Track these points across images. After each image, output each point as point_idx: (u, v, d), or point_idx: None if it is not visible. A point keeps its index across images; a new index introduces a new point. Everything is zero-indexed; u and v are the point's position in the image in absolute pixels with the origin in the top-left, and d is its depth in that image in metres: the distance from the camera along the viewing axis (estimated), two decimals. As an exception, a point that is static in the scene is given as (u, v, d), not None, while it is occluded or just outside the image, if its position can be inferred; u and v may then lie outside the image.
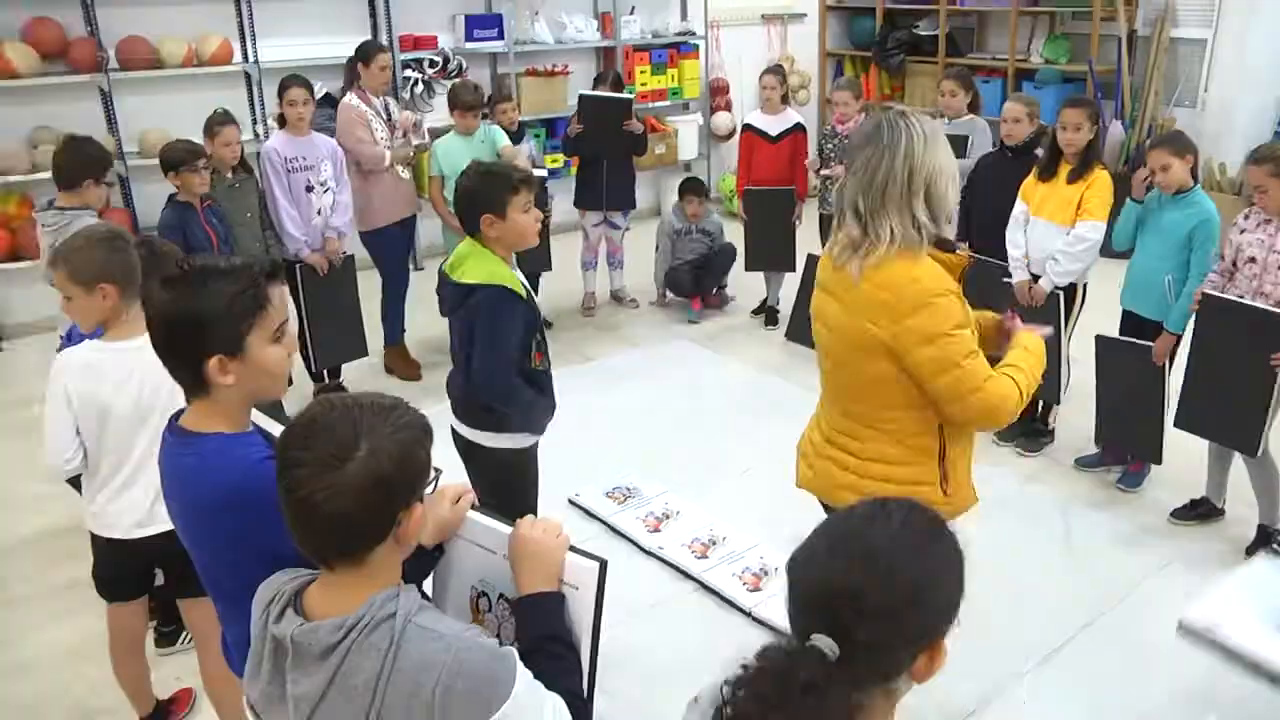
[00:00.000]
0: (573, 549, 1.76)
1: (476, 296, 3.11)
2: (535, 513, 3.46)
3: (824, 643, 1.18)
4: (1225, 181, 7.83)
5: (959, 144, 5.62)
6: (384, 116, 5.86)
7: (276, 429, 1.93)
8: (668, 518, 4.48)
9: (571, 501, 4.64)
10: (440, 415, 3.39)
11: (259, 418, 2.05)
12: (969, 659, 3.53)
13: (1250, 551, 4.23)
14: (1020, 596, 3.91)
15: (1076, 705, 3.42)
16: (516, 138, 6.53)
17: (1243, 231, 4.15)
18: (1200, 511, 4.49)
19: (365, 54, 5.79)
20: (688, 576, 4.10)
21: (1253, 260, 4.08)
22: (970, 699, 3.47)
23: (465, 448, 3.36)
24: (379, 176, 5.79)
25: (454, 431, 3.36)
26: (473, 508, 1.88)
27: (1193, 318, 4.23)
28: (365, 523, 1.48)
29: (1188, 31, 8.23)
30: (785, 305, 6.84)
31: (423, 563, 1.83)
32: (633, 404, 5.72)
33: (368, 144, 5.69)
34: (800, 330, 6.53)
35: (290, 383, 5.48)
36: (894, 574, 1.25)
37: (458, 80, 7.31)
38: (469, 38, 8.10)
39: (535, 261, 6.62)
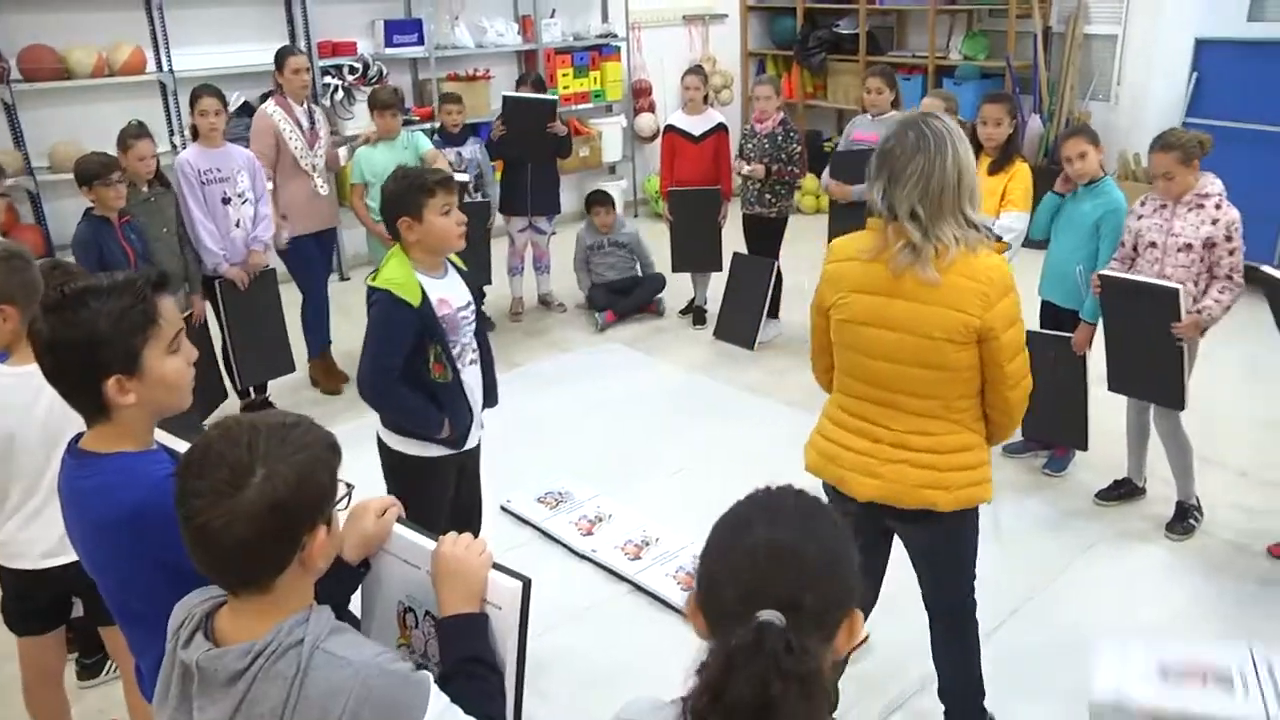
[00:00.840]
0: (497, 566, 1.73)
1: (373, 298, 3.12)
2: (448, 525, 3.45)
3: (771, 614, 1.18)
4: (1140, 172, 7.99)
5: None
6: (305, 124, 5.75)
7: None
8: (600, 521, 4.46)
9: (503, 508, 4.59)
10: (362, 429, 3.37)
11: (166, 438, 1.99)
12: (903, 645, 3.60)
13: (1170, 528, 4.37)
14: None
15: (1007, 688, 3.44)
16: (460, 140, 6.51)
17: (1140, 218, 4.26)
18: (1123, 491, 4.62)
19: (279, 59, 5.70)
20: (621, 578, 4.08)
21: (1153, 245, 4.18)
22: (909, 683, 3.53)
23: (383, 453, 3.35)
24: (292, 187, 5.68)
25: (377, 438, 3.35)
26: (399, 521, 1.84)
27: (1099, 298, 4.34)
28: (265, 550, 1.45)
29: (1100, 28, 8.41)
30: (713, 304, 6.88)
31: (348, 579, 1.79)
32: (563, 408, 5.69)
33: (266, 157, 5.55)
34: (729, 329, 6.57)
35: (227, 396, 5.42)
36: (814, 536, 1.29)
37: (377, 85, 7.25)
38: (389, 43, 8.00)
39: (474, 275, 6.59)
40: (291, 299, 5.83)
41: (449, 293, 3.21)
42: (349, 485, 1.61)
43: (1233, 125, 7.05)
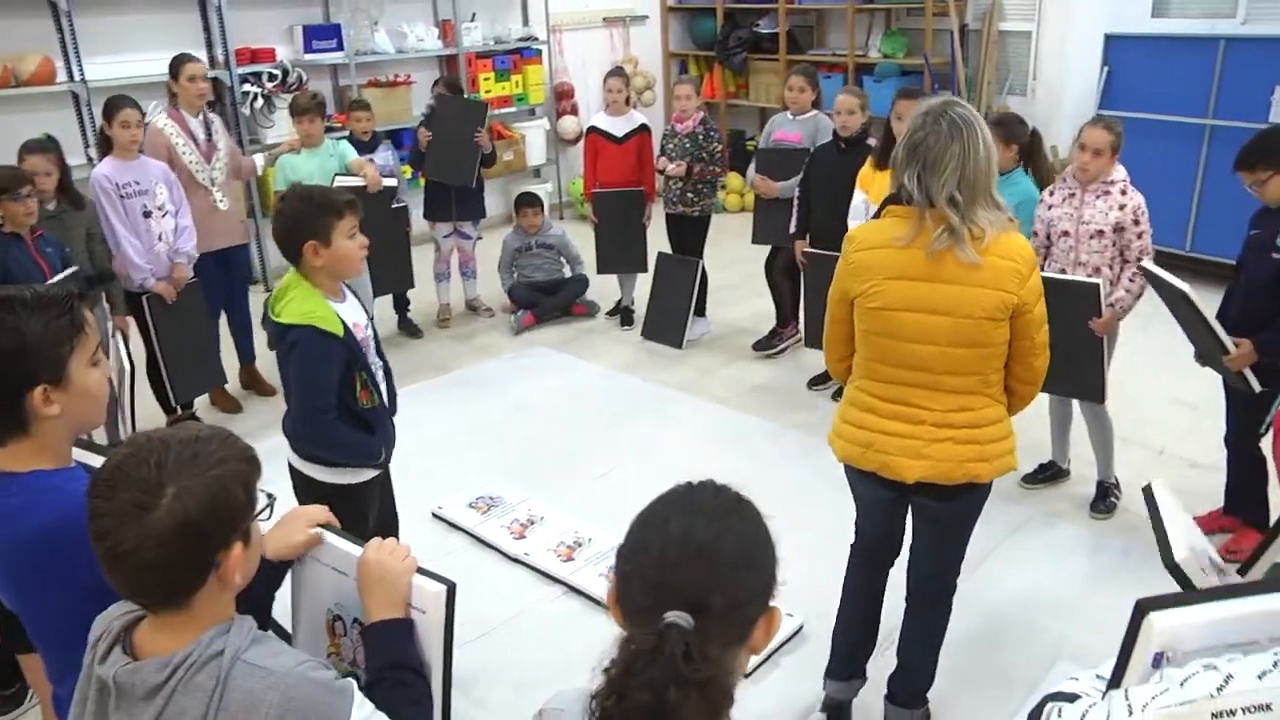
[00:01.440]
0: (422, 571, 1.73)
1: (291, 337, 2.93)
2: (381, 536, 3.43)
3: (679, 616, 1.18)
4: (1058, 163, 8.16)
5: (799, 158, 5.76)
6: (201, 136, 5.52)
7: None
8: (532, 524, 4.45)
9: (435, 515, 4.57)
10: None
11: (84, 455, 1.96)
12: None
13: (1094, 507, 4.52)
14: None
15: (941, 671, 3.52)
16: (371, 147, 6.42)
17: (1051, 208, 4.36)
18: (1048, 474, 4.77)
19: (174, 67, 5.45)
20: (555, 580, 4.08)
21: (1066, 234, 4.29)
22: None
23: (299, 480, 3.19)
24: (188, 204, 5.36)
25: (290, 465, 3.20)
26: (329, 529, 1.83)
27: None
28: (179, 569, 1.43)
29: (1014, 24, 8.62)
30: (640, 305, 6.90)
31: (271, 576, 1.78)
32: (493, 413, 5.67)
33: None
34: (656, 328, 6.60)
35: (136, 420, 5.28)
36: (731, 532, 1.28)
37: (297, 92, 7.17)
38: (308, 49, 7.92)
39: (398, 280, 6.53)
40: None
41: (355, 316, 3.07)
42: (270, 496, 1.59)
43: (1143, 116, 7.24)
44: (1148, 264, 4.04)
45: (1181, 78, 7.33)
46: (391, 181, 6.05)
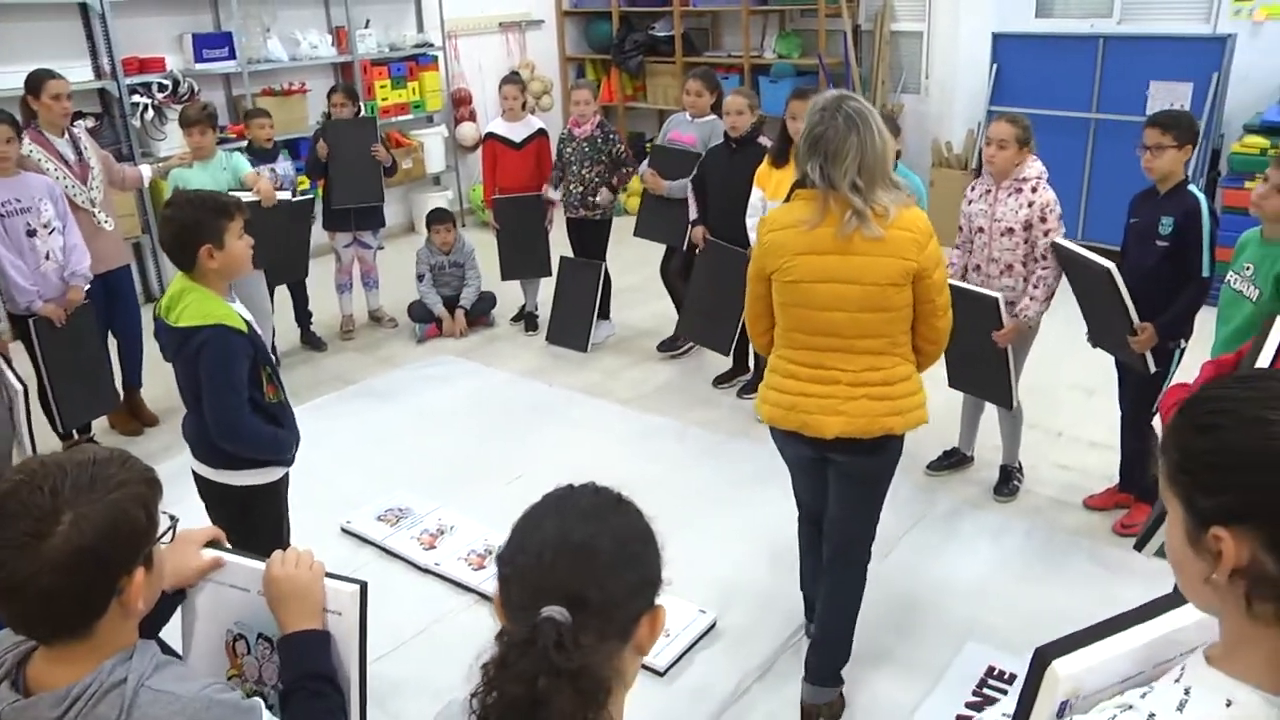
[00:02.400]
0: (331, 575, 1.71)
1: (196, 340, 2.92)
2: (285, 545, 3.37)
3: (554, 610, 1.17)
4: (953, 159, 8.38)
5: (691, 160, 5.81)
6: (71, 156, 5.23)
7: None
8: (442, 533, 4.42)
9: (343, 529, 4.50)
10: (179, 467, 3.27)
11: None
12: (748, 628, 3.74)
13: (997, 490, 4.65)
14: (791, 564, 4.07)
15: (852, 656, 3.61)
16: (271, 156, 6.30)
17: (970, 203, 4.45)
18: (953, 461, 4.88)
19: (33, 84, 5.13)
20: (467, 589, 4.06)
21: (981, 230, 4.38)
22: (754, 660, 3.62)
23: (208, 488, 3.18)
24: None
25: (195, 476, 3.18)
26: (220, 547, 1.80)
27: None
28: (78, 599, 1.38)
29: (906, 25, 8.84)
30: (544, 310, 6.88)
31: (164, 607, 1.73)
32: (399, 423, 5.61)
33: None
34: (561, 333, 6.59)
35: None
36: (608, 531, 1.28)
37: (188, 102, 7.00)
38: (199, 58, 7.71)
39: (292, 269, 6.38)
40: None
41: (247, 315, 3.09)
42: (172, 518, 1.56)
43: (1032, 112, 7.36)
44: (1062, 240, 4.13)
45: (1066, 75, 7.59)
46: (285, 195, 5.90)
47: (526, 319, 6.99)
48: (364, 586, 1.70)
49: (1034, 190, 4.24)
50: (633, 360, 6.40)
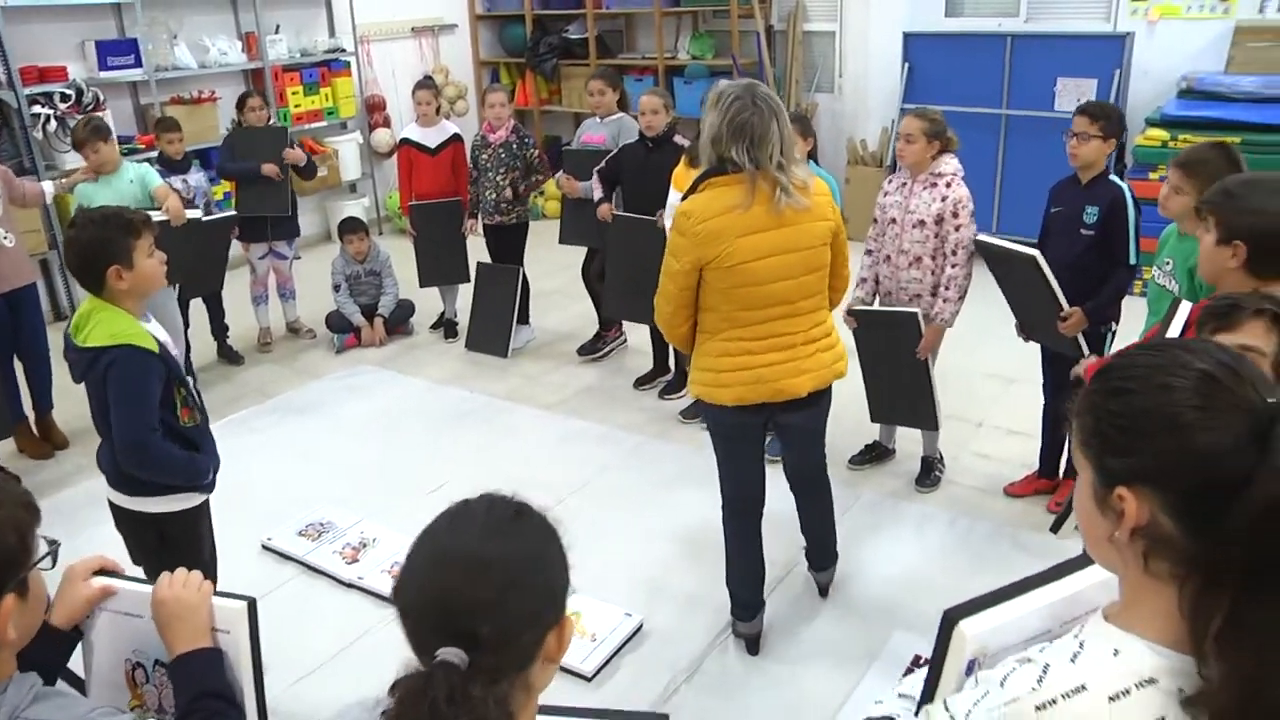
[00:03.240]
0: (220, 594, 1.68)
1: (104, 360, 2.83)
2: (214, 568, 3.31)
3: (450, 654, 1.16)
4: (868, 156, 8.48)
5: (602, 159, 5.80)
6: None
7: None
8: (365, 546, 4.36)
9: (264, 546, 4.42)
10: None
11: None
12: (675, 628, 3.75)
13: (919, 482, 4.72)
14: (715, 563, 4.09)
15: (780, 644, 3.68)
16: (183, 167, 6.15)
17: (885, 195, 4.51)
18: (874, 454, 4.94)
19: None
20: (390, 602, 4.00)
21: (894, 221, 4.43)
22: (682, 661, 3.63)
23: (123, 517, 3.09)
24: None
25: (111, 504, 3.09)
26: (114, 575, 1.75)
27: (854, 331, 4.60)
28: None
29: (818, 25, 8.93)
30: (463, 316, 6.83)
31: (62, 646, 1.68)
32: (319, 436, 5.53)
33: None
34: (481, 339, 6.55)
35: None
36: (502, 558, 1.24)
37: (93, 112, 6.82)
38: (103, 66, 7.45)
39: (207, 281, 6.24)
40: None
41: (161, 335, 2.99)
42: (51, 542, 1.50)
43: (944, 109, 7.46)
44: (983, 236, 4.19)
45: (976, 72, 7.72)
46: (196, 213, 5.68)
47: (446, 326, 6.93)
48: (252, 603, 1.68)
49: (948, 185, 4.29)
50: (554, 364, 6.38)
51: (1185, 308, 2.63)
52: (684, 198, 3.21)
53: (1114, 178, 4.11)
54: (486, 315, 6.58)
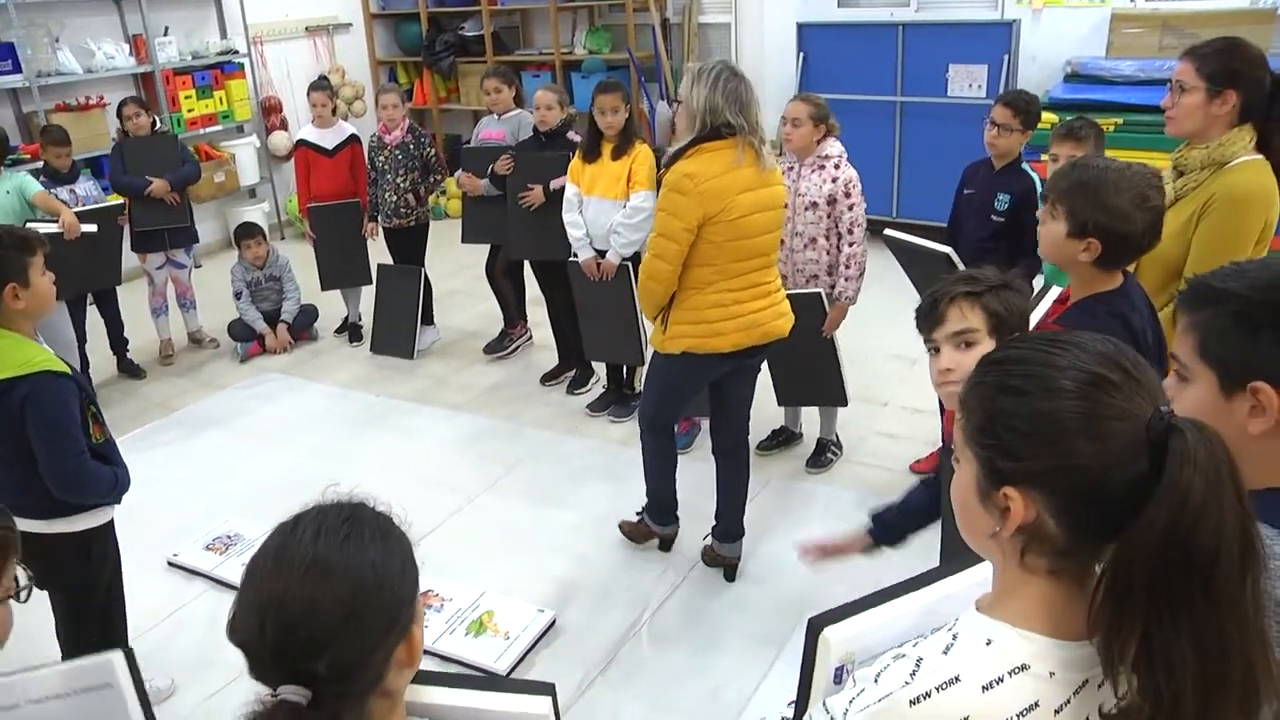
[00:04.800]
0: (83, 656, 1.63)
1: (17, 393, 2.75)
2: (120, 585, 3.24)
3: (291, 691, 1.14)
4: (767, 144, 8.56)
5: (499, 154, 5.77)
6: None
7: None
8: (274, 556, 4.30)
9: (170, 563, 4.34)
10: None
11: None
12: (588, 623, 3.77)
13: (810, 463, 4.82)
14: (631, 554, 4.13)
15: (693, 634, 3.72)
16: (70, 177, 5.97)
17: None
18: (781, 439, 5.02)
19: None
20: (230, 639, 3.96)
21: (785, 205, 4.48)
22: (596, 655, 3.65)
23: (38, 543, 2.92)
24: None
25: (23, 536, 3.02)
26: None
27: None
28: None
29: (713, 17, 8.99)
30: (366, 319, 6.79)
31: None
32: (224, 447, 5.45)
33: None
34: (385, 341, 6.50)
35: None
36: (334, 583, 1.19)
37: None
38: None
39: (106, 275, 6.04)
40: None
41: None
42: (31, 576, 1.46)
43: (841, 97, 7.64)
44: (894, 233, 4.26)
45: (870, 61, 7.83)
46: (91, 228, 5.49)
47: (350, 330, 6.86)
48: (129, 651, 1.63)
49: (836, 167, 4.40)
50: (460, 364, 6.35)
51: (1054, 292, 2.71)
52: (667, 165, 3.47)
53: (1025, 166, 4.22)
54: (390, 317, 6.53)
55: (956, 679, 1.11)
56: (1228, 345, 1.38)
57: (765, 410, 4.97)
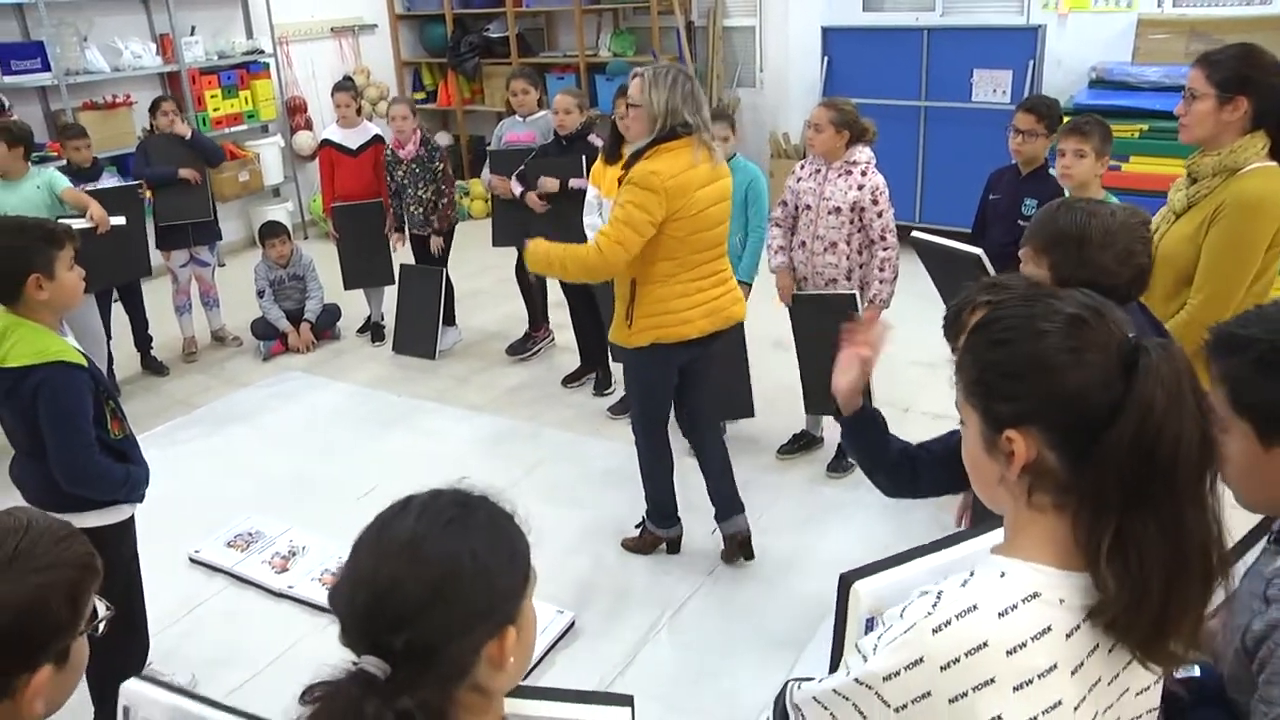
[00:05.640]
0: None
1: (31, 381, 2.77)
2: (140, 584, 3.25)
3: (369, 663, 1.14)
4: (790, 149, 8.55)
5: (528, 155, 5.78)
6: None
7: None
8: (294, 555, 4.32)
9: (192, 559, 4.36)
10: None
11: None
12: (607, 624, 3.78)
13: (831, 467, 4.81)
14: (650, 556, 4.15)
15: (712, 636, 3.71)
16: (93, 175, 6.01)
17: (799, 180, 4.58)
18: (802, 443, 5.01)
19: None
20: (321, 610, 3.97)
21: (809, 207, 4.50)
22: (615, 657, 3.66)
23: None
24: None
25: None
26: None
27: (789, 313, 4.74)
28: None
29: (738, 20, 9.00)
30: (389, 319, 6.81)
31: None
32: (246, 445, 5.47)
33: None
34: (407, 341, 6.53)
35: None
36: (425, 564, 1.19)
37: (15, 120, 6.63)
38: (7, 71, 7.20)
39: (135, 264, 6.09)
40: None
41: (79, 348, 2.96)
42: (109, 607, 1.38)
43: (865, 102, 7.58)
44: (923, 235, 4.24)
45: (894, 65, 7.81)
46: (120, 220, 5.53)
47: (373, 329, 6.88)
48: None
49: (864, 174, 4.39)
50: (482, 365, 6.36)
51: None
52: (627, 166, 3.63)
53: (1053, 171, 4.18)
54: (412, 317, 6.55)
55: (974, 607, 1.20)
56: (1256, 392, 1.43)
57: (786, 415, 4.98)
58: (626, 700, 1.47)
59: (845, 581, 1.47)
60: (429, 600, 1.16)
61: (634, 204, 3.52)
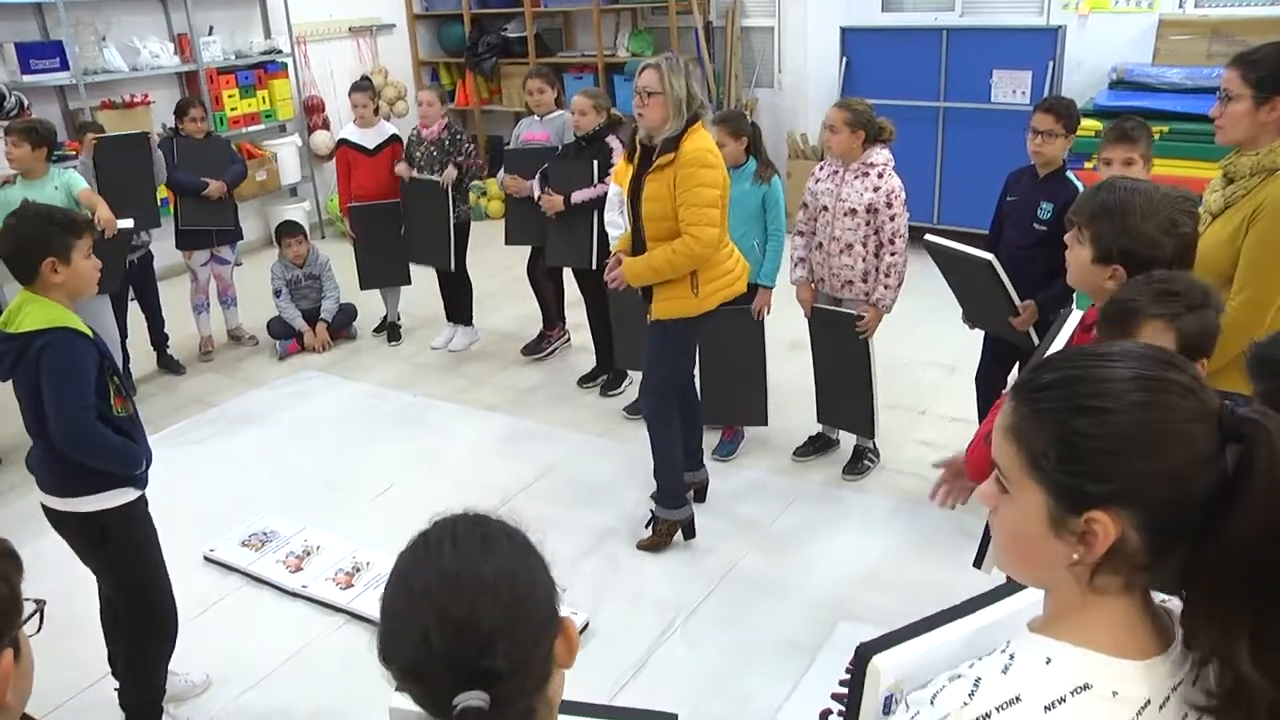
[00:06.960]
0: None
1: (37, 343, 2.85)
2: (161, 574, 3.25)
3: (471, 698, 1.10)
4: (809, 150, 8.52)
5: (548, 155, 5.77)
6: None
7: None
8: (309, 554, 4.32)
9: (207, 558, 4.36)
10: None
11: None
12: (621, 626, 3.77)
13: (846, 470, 4.77)
14: (664, 558, 4.11)
15: (725, 640, 3.69)
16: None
17: (818, 182, 4.56)
18: (818, 445, 4.98)
19: None
20: (336, 610, 3.98)
21: (825, 209, 4.49)
22: (629, 659, 3.64)
23: (60, 521, 3.06)
24: None
25: (46, 510, 3.07)
26: None
27: (807, 326, 4.75)
28: None
29: (756, 20, 8.95)
30: (404, 304, 6.85)
31: None
32: (262, 444, 5.48)
33: None
34: (421, 251, 6.48)
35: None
36: (488, 587, 1.15)
37: (17, 118, 6.65)
38: (26, 70, 7.20)
39: (144, 220, 6.04)
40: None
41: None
42: (39, 603, 1.36)
43: (883, 102, 7.56)
44: (935, 239, 4.18)
45: (913, 65, 7.77)
46: (128, 223, 5.51)
47: (389, 329, 6.88)
48: None
49: (880, 176, 4.36)
50: (498, 365, 6.36)
51: (1076, 316, 2.65)
52: (663, 151, 3.77)
53: (1070, 174, 4.14)
54: (422, 229, 6.39)
55: (1017, 699, 1.07)
56: None
57: (803, 417, 4.95)
58: (670, 719, 1.45)
59: (863, 655, 1.34)
60: (506, 608, 1.14)
61: (703, 185, 3.76)
